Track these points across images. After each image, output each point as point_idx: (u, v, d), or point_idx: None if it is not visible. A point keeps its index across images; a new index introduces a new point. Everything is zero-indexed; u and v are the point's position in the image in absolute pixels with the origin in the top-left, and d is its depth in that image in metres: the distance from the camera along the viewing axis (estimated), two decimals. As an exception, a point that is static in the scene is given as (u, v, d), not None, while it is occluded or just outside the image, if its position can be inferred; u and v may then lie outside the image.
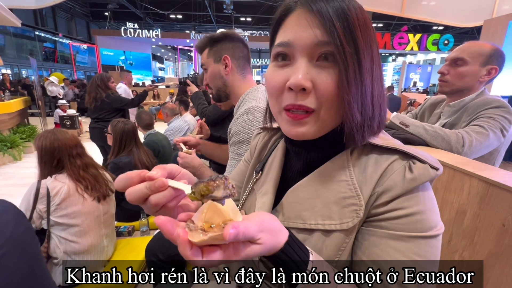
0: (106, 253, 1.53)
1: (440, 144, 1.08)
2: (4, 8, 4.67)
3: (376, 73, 0.43)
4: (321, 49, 0.40)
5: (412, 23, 14.61)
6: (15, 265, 0.68)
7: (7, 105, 4.85)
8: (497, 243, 0.75)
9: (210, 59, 1.18)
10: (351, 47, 0.39)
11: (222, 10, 14.24)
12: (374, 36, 0.43)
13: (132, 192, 0.36)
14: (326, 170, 0.46)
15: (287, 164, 0.55)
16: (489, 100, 1.12)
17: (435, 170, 0.40)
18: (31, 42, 16.27)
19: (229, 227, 0.28)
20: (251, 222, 0.31)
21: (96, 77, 3.07)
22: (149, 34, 13.76)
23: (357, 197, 0.42)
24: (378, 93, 0.44)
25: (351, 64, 0.39)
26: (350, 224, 0.42)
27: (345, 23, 0.39)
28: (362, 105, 0.41)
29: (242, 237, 0.29)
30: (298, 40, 0.41)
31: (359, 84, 0.40)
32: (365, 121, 0.43)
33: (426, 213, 0.40)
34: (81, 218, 1.36)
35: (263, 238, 0.31)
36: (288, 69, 0.43)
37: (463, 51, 1.17)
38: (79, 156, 1.40)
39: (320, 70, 0.41)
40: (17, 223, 0.76)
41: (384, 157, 0.44)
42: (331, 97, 0.41)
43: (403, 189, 0.40)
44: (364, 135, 0.43)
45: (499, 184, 0.74)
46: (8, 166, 4.36)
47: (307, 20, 0.40)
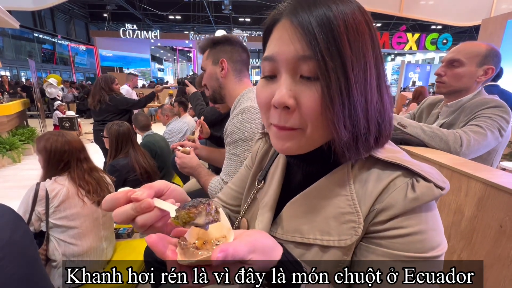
0: (105, 255, 1.53)
1: (438, 145, 1.08)
2: (2, 10, 4.66)
3: (372, 84, 0.39)
4: (303, 64, 0.38)
5: (410, 23, 14.62)
6: (13, 269, 0.68)
7: (5, 107, 4.84)
8: (494, 244, 0.75)
9: (208, 61, 1.21)
10: (335, 61, 0.36)
11: (221, 11, 14.25)
12: (372, 41, 0.39)
13: (118, 214, 0.36)
14: (325, 183, 0.45)
15: (289, 175, 0.54)
16: (487, 100, 1.12)
17: (440, 190, 0.38)
18: (30, 43, 16.24)
19: (217, 250, 0.28)
20: (242, 243, 0.30)
21: (100, 79, 3.05)
22: (148, 35, 13.77)
23: (356, 214, 0.41)
24: (375, 105, 0.40)
25: (333, 80, 0.36)
26: (348, 242, 0.41)
27: (329, 35, 0.36)
28: (352, 122, 0.38)
29: (231, 259, 0.29)
30: (280, 54, 0.39)
31: (346, 100, 0.37)
32: (358, 137, 0.39)
33: (428, 232, 0.38)
34: (80, 220, 1.36)
35: (253, 258, 0.31)
36: (274, 85, 0.41)
37: (459, 52, 1.17)
38: (86, 160, 1.42)
39: (304, 87, 0.38)
40: (15, 227, 0.76)
41: (386, 173, 0.41)
42: (315, 115, 0.38)
43: (404, 209, 0.38)
44: (358, 151, 0.41)
45: (497, 185, 0.74)
46: (7, 169, 4.35)
47: (288, 33, 0.38)
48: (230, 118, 1.14)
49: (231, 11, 14.20)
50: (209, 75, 1.22)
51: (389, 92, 0.43)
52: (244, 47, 1.22)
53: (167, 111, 3.38)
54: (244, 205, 0.60)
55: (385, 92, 0.42)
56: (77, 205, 1.35)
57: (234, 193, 0.68)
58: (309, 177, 0.48)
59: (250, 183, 0.62)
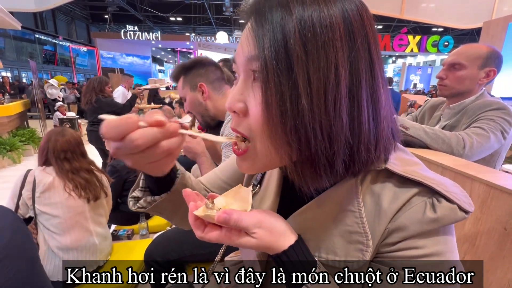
0: (99, 251, 1.50)
1: (441, 147, 1.07)
2: (4, 11, 4.68)
3: (339, 94, 0.32)
4: (252, 66, 0.35)
5: (411, 25, 14.64)
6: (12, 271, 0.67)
7: (6, 108, 4.85)
8: (498, 247, 0.74)
9: (186, 89, 1.22)
10: (279, 62, 0.31)
11: (222, 13, 14.29)
12: (349, 46, 0.32)
13: (144, 135, 0.32)
14: (331, 196, 0.40)
15: (287, 181, 0.49)
16: (489, 102, 1.12)
17: (464, 213, 0.34)
18: (31, 45, 16.31)
19: (223, 211, 0.31)
20: (250, 215, 0.33)
21: (95, 79, 3.03)
22: (149, 37, 13.78)
23: (365, 235, 0.37)
24: (344, 122, 0.32)
25: (272, 82, 0.31)
26: (355, 265, 0.38)
27: (279, 33, 0.31)
28: (300, 138, 0.32)
29: (233, 224, 0.31)
30: (236, 56, 0.38)
31: (290, 111, 0.31)
32: (314, 159, 0.33)
33: (445, 254, 0.35)
34: (63, 210, 1.36)
35: (258, 233, 0.33)
36: None
37: (459, 55, 1.17)
38: (67, 160, 1.41)
39: (254, 92, 0.35)
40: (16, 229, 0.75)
41: (403, 190, 0.37)
42: (259, 123, 0.34)
43: (420, 230, 0.34)
44: (317, 177, 0.35)
45: (500, 187, 0.73)
46: (7, 169, 4.35)
47: (244, 34, 0.36)
48: (226, 121, 1.15)
49: (232, 13, 14.25)
50: (191, 102, 1.23)
51: (379, 106, 0.35)
52: (217, 65, 1.24)
53: (166, 113, 3.39)
54: None
55: (364, 106, 0.33)
56: (61, 196, 1.36)
57: (221, 183, 0.64)
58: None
59: (245, 185, 0.59)
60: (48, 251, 1.35)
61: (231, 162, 0.65)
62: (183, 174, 0.50)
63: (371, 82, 0.34)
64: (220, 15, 15.31)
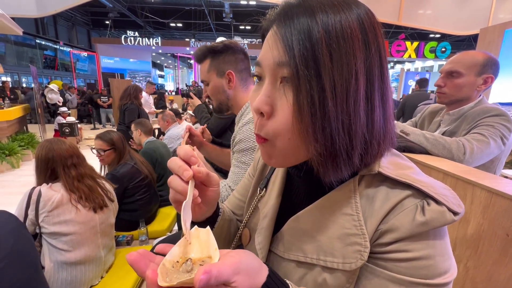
0: (103, 263, 1.51)
1: (441, 152, 1.08)
2: (6, 17, 4.71)
3: (358, 95, 0.36)
4: (281, 71, 0.37)
5: (409, 31, 14.80)
6: (15, 277, 0.67)
7: (6, 113, 4.85)
8: (501, 253, 0.74)
9: (211, 73, 1.13)
10: (309, 69, 0.34)
11: (222, 19, 14.45)
12: (366, 51, 0.36)
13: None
14: (330, 200, 0.42)
15: (290, 185, 0.52)
16: (488, 108, 1.12)
17: (452, 215, 0.35)
18: (32, 50, 16.38)
19: (201, 272, 0.26)
20: (226, 264, 0.29)
21: (132, 86, 3.60)
22: (149, 42, 13.90)
23: (362, 236, 0.38)
24: (361, 120, 0.36)
25: (304, 88, 0.35)
26: (353, 266, 0.39)
27: (306, 43, 0.34)
28: (326, 135, 0.35)
29: (214, 282, 0.27)
30: (263, 60, 0.40)
31: (319, 111, 0.35)
32: (336, 153, 0.37)
33: (434, 258, 0.36)
34: (75, 227, 1.35)
35: (238, 281, 0.30)
36: (260, 90, 0.41)
37: (456, 63, 1.18)
38: (74, 166, 1.41)
39: (281, 95, 0.38)
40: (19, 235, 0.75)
41: (395, 191, 0.39)
42: (287, 124, 0.37)
43: (410, 233, 0.36)
44: (337, 170, 0.38)
45: (502, 194, 0.74)
46: (6, 174, 4.33)
47: (271, 40, 0.38)
48: (240, 126, 1.10)
49: (232, 19, 14.39)
50: (214, 88, 1.14)
51: (387, 106, 0.39)
52: (245, 54, 1.16)
53: (168, 117, 3.39)
54: (246, 214, 0.58)
55: (377, 106, 0.38)
56: (71, 212, 1.34)
57: (239, 202, 0.67)
58: (312, 188, 0.46)
59: (252, 192, 0.61)
60: (55, 267, 1.33)
61: (241, 182, 0.70)
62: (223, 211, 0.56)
63: (381, 84, 0.38)
64: (220, 21, 15.46)
